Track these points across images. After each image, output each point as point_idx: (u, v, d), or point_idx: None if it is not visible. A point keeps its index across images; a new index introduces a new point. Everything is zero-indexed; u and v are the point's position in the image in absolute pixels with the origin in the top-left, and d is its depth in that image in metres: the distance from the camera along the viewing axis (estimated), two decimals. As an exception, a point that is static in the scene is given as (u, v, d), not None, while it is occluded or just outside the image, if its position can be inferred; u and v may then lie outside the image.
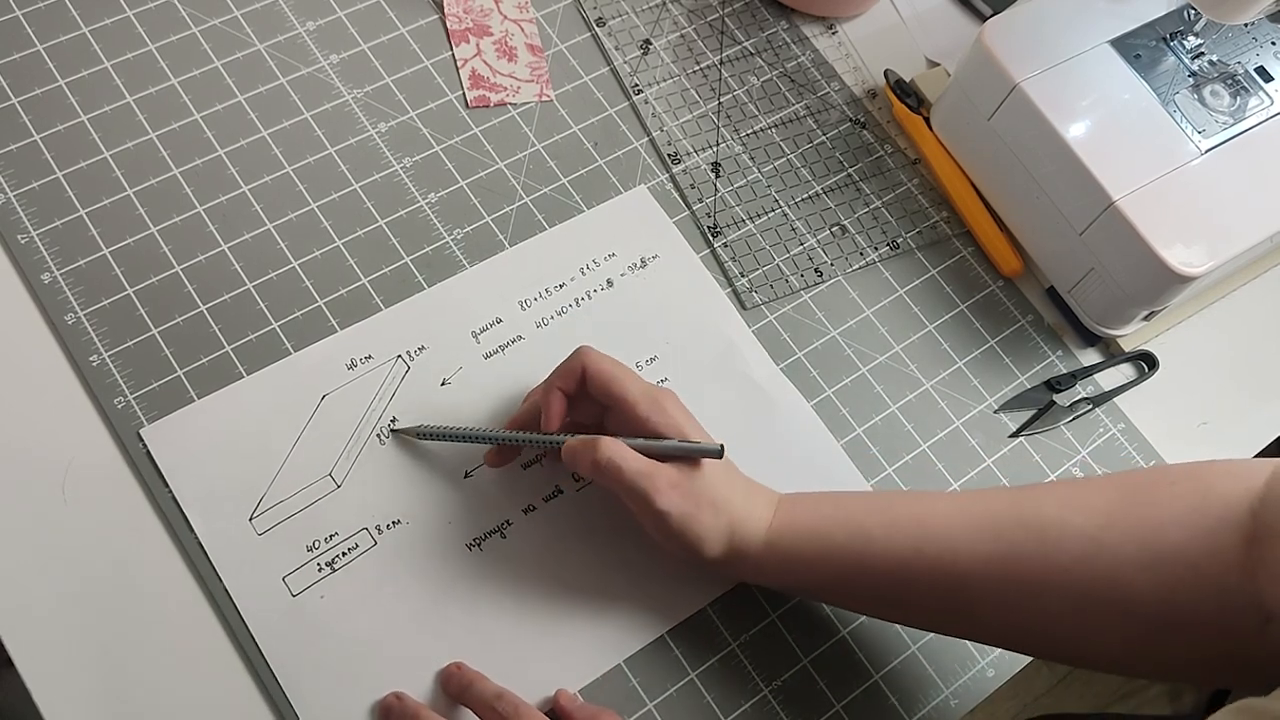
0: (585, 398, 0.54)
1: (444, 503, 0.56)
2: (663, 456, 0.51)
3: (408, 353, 0.59)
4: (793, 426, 0.61)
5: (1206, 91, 0.64)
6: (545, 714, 0.50)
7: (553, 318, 0.62)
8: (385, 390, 0.58)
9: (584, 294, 0.63)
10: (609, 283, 0.63)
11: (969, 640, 0.57)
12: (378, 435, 0.57)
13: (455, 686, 0.52)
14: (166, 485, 0.54)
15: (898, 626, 0.57)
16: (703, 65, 0.72)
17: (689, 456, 0.51)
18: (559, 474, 0.58)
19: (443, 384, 0.59)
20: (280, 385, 0.57)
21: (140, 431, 0.55)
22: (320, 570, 0.54)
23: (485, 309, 0.61)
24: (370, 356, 0.59)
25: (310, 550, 0.54)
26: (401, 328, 0.60)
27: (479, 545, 0.56)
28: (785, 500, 0.54)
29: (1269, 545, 0.42)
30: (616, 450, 0.51)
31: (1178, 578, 0.44)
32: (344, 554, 0.55)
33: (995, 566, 0.48)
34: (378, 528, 0.55)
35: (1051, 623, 0.48)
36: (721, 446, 0.51)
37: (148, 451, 0.55)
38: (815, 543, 0.52)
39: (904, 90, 0.72)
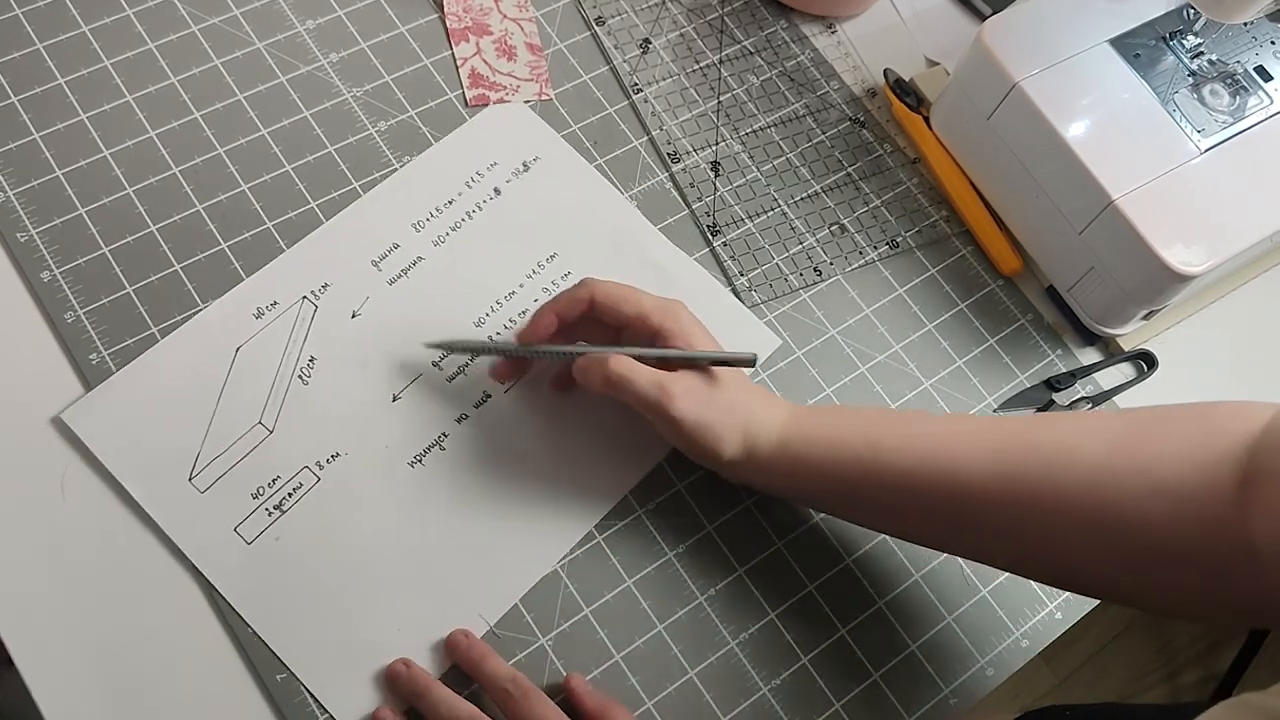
0: (596, 323, 0.55)
1: (378, 428, 0.58)
2: (696, 367, 0.53)
3: (312, 292, 0.60)
4: (695, 294, 0.62)
5: (1206, 91, 0.64)
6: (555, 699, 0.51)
7: (448, 234, 0.63)
8: (298, 332, 0.59)
9: (474, 206, 0.64)
10: (496, 191, 0.64)
11: (965, 558, 0.58)
12: (299, 376, 0.58)
13: (464, 658, 0.53)
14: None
15: (897, 625, 0.57)
16: (702, 64, 0.72)
17: (722, 365, 0.53)
18: (484, 381, 0.60)
19: (353, 316, 0.60)
20: (192, 345, 0.58)
21: (61, 415, 0.55)
22: (270, 514, 0.55)
23: (380, 237, 0.62)
24: (276, 303, 0.59)
25: (255, 497, 0.55)
26: (301, 269, 0.61)
27: (420, 461, 0.57)
28: (800, 408, 0.55)
29: (1260, 485, 0.43)
30: (625, 365, 0.53)
31: (1174, 509, 0.45)
32: (290, 494, 0.55)
33: (999, 485, 0.49)
34: (318, 464, 0.56)
35: (1049, 544, 0.49)
36: (754, 356, 0.53)
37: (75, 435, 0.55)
38: (827, 448, 0.53)
39: (903, 89, 0.72)
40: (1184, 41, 0.65)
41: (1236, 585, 0.44)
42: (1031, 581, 0.59)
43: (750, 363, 0.53)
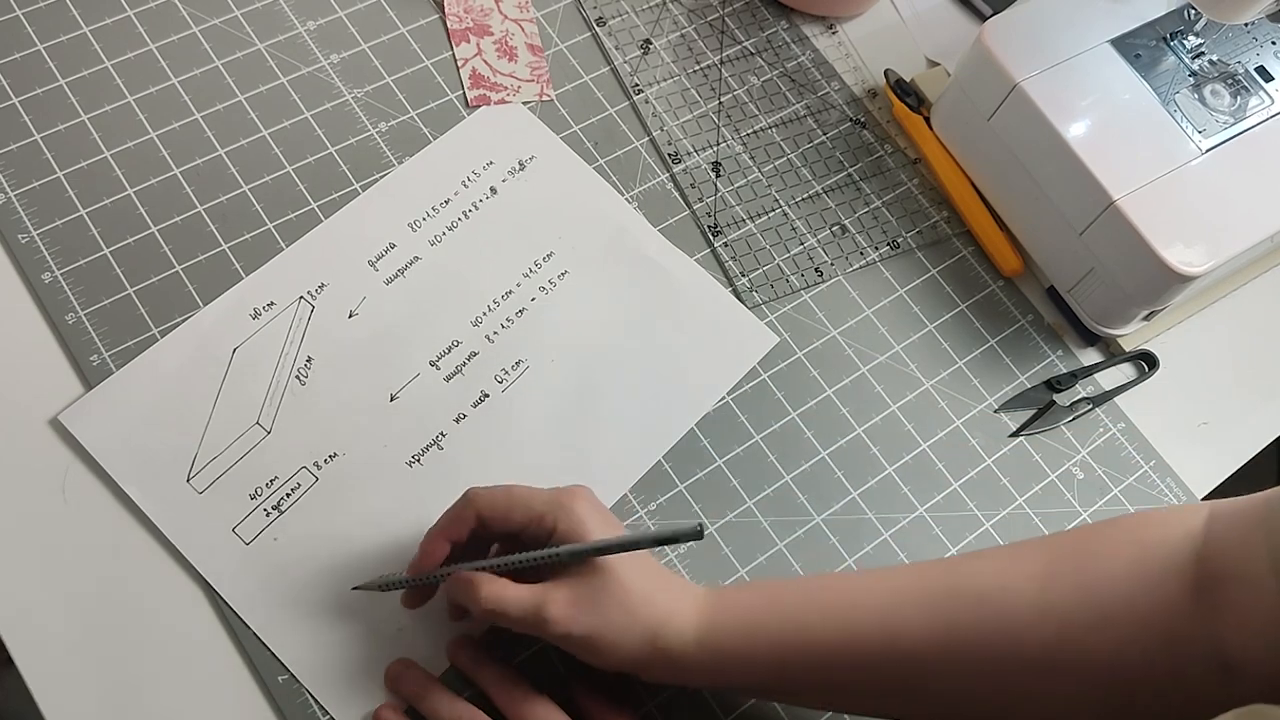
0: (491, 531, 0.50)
1: (376, 428, 0.58)
2: (636, 547, 0.47)
3: (309, 293, 0.60)
4: (691, 291, 0.64)
5: (1207, 91, 0.64)
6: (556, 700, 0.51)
7: (445, 233, 0.63)
8: (295, 332, 0.59)
9: (470, 205, 0.64)
10: (492, 190, 0.64)
11: None
12: (297, 376, 0.58)
13: (465, 661, 0.52)
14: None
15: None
16: (703, 65, 0.72)
17: (666, 543, 0.47)
18: (483, 380, 0.59)
19: (350, 316, 0.60)
20: (189, 346, 0.58)
21: (59, 417, 0.55)
22: (268, 515, 0.55)
23: (376, 237, 0.62)
24: (272, 303, 0.59)
25: (254, 498, 0.55)
26: (297, 269, 0.61)
27: (419, 460, 0.57)
28: (711, 595, 0.50)
29: (1220, 590, 0.41)
30: (493, 591, 0.47)
31: (1127, 633, 0.42)
32: (288, 495, 0.55)
33: (937, 642, 0.45)
34: (316, 464, 0.56)
35: (1005, 693, 0.45)
36: (700, 526, 0.45)
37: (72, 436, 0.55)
38: (750, 635, 0.48)
39: (904, 90, 0.72)
40: (1185, 42, 0.65)
41: (1210, 700, 0.40)
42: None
43: (697, 535, 0.45)
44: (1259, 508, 0.42)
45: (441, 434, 0.58)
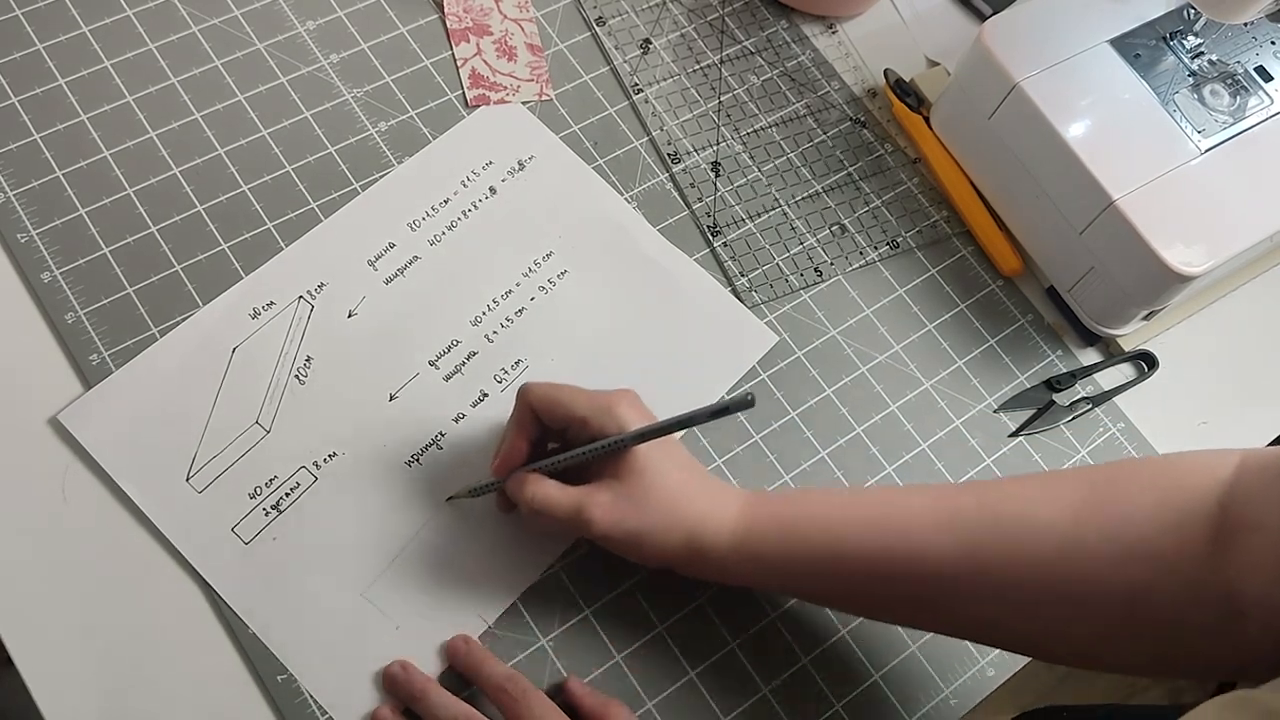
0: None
1: (375, 427, 0.58)
2: (683, 426, 0.48)
3: (308, 292, 0.60)
4: (691, 291, 0.64)
5: (1206, 91, 0.64)
6: (554, 700, 0.51)
7: (444, 233, 0.63)
8: (294, 332, 0.59)
9: (470, 205, 0.64)
10: (492, 190, 0.64)
11: (939, 634, 0.56)
12: (296, 376, 0.58)
13: (463, 663, 0.53)
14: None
15: (898, 626, 0.57)
16: (703, 64, 0.72)
17: (717, 416, 0.48)
18: (483, 379, 0.59)
19: (350, 315, 0.60)
20: (188, 346, 0.58)
21: (58, 416, 0.55)
22: (267, 514, 0.55)
23: (376, 236, 0.62)
24: (272, 303, 0.59)
25: (253, 497, 0.55)
26: (297, 268, 0.61)
27: (417, 460, 0.57)
28: (751, 498, 0.52)
29: (1239, 538, 0.42)
30: (541, 491, 0.50)
31: (1146, 572, 0.44)
32: (287, 494, 0.55)
33: (965, 562, 0.47)
34: (315, 464, 0.56)
35: (1020, 617, 0.48)
36: (750, 394, 0.45)
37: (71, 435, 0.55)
38: (785, 543, 0.51)
39: (904, 90, 0.72)
40: (1184, 42, 0.65)
41: (1218, 643, 0.43)
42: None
43: (746, 405, 0.45)
44: None
45: (441, 434, 0.58)
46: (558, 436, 0.53)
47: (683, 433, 0.57)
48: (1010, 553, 0.46)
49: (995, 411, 0.64)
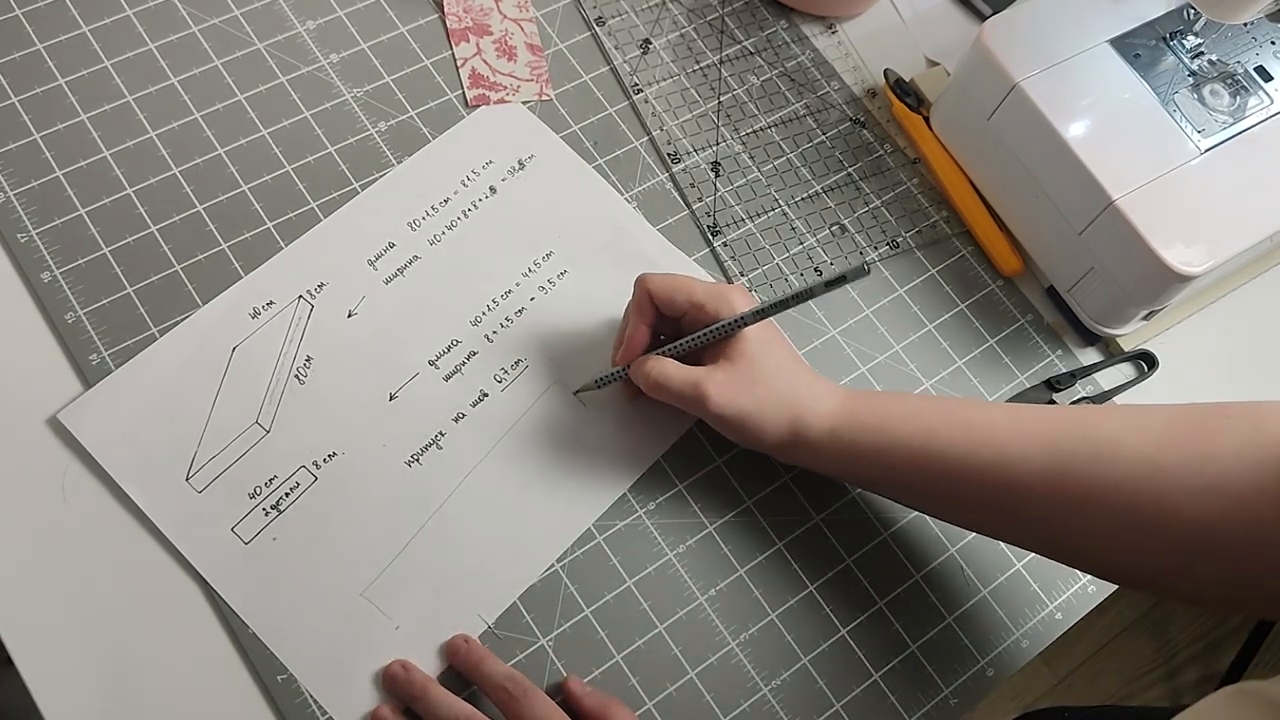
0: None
1: (375, 427, 0.58)
2: (800, 300, 0.52)
3: (308, 292, 0.60)
4: None
5: (1206, 91, 0.64)
6: (554, 700, 0.51)
7: (444, 232, 0.63)
8: (294, 331, 0.59)
9: (470, 205, 0.64)
10: (492, 189, 0.64)
11: (1012, 544, 0.59)
12: (296, 376, 0.58)
13: (463, 662, 0.53)
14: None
15: (897, 625, 0.57)
16: (702, 65, 0.72)
17: (834, 287, 0.50)
18: (482, 379, 0.60)
19: (350, 315, 0.60)
20: (188, 345, 0.58)
21: (58, 416, 0.55)
22: (267, 514, 0.55)
23: (376, 236, 0.62)
24: (272, 302, 0.59)
25: (253, 497, 0.55)
26: (297, 268, 0.61)
27: (418, 460, 0.57)
28: (850, 393, 0.55)
29: None
30: (660, 368, 0.54)
31: (1223, 507, 0.45)
32: (287, 494, 0.55)
33: (1049, 477, 0.49)
34: (315, 463, 0.56)
35: (1095, 537, 0.49)
36: (867, 263, 0.49)
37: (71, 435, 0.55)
38: (878, 436, 0.53)
39: (904, 90, 0.72)
40: (1184, 42, 0.65)
41: (1277, 581, 0.45)
42: (1032, 583, 0.60)
43: (863, 273, 0.48)
44: None
45: (440, 433, 0.58)
46: (670, 327, 0.57)
47: (789, 328, 0.64)
48: (1093, 472, 0.48)
49: (995, 411, 0.64)
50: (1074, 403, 0.65)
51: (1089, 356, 0.67)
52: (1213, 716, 0.36)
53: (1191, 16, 0.66)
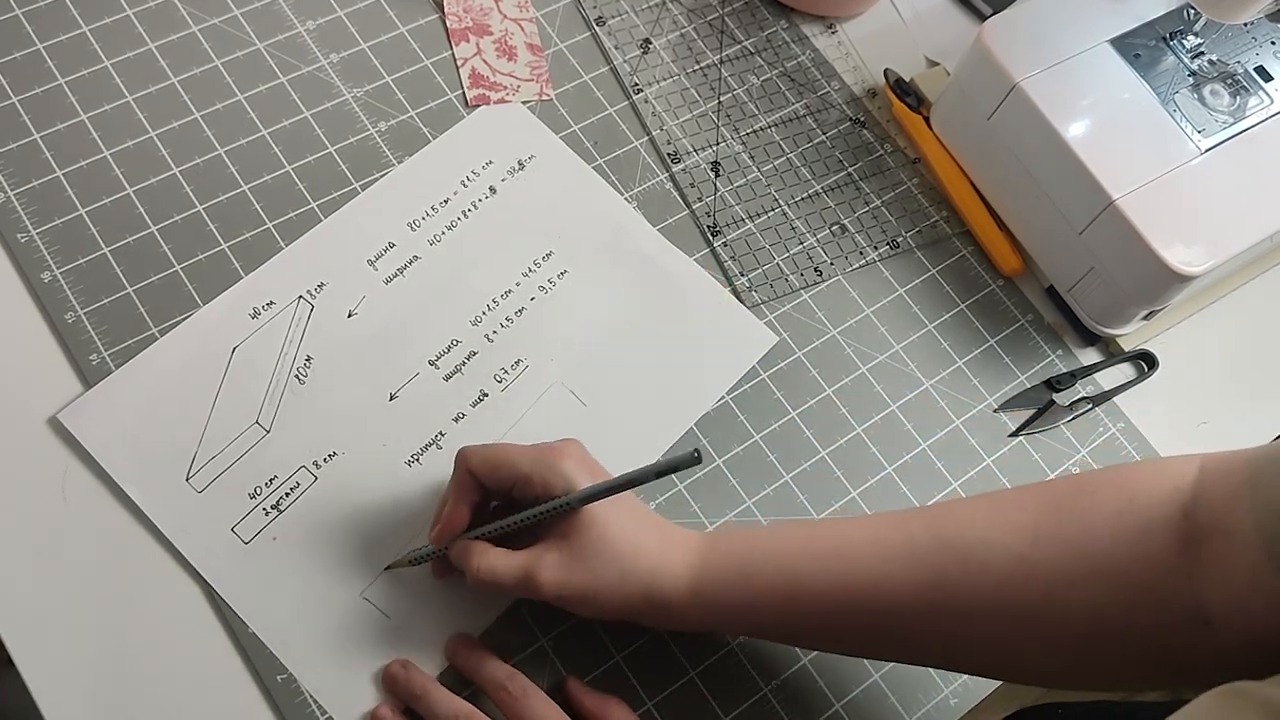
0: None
1: (375, 427, 0.58)
2: (628, 486, 0.47)
3: (308, 292, 0.60)
4: (691, 291, 0.64)
5: (1206, 91, 0.64)
6: (554, 700, 0.51)
7: (444, 233, 0.63)
8: (294, 331, 0.59)
9: (470, 205, 0.64)
10: (492, 190, 0.64)
11: (906, 664, 0.56)
12: (296, 376, 0.58)
13: (463, 663, 0.52)
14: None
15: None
16: (703, 65, 0.72)
17: (662, 475, 0.47)
18: (482, 379, 0.59)
19: (350, 315, 0.60)
20: (188, 345, 0.58)
21: (58, 416, 0.55)
22: (267, 514, 0.55)
23: (376, 236, 0.62)
24: (272, 302, 0.59)
25: (253, 497, 0.55)
26: (297, 268, 0.61)
27: (418, 460, 0.57)
28: (704, 541, 0.51)
29: (1205, 546, 0.41)
30: (486, 563, 0.49)
31: (1110, 589, 0.43)
32: (287, 494, 0.55)
33: (922, 595, 0.46)
34: (315, 463, 0.56)
35: (985, 644, 0.47)
36: (696, 451, 0.45)
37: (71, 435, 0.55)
38: (741, 584, 0.49)
39: (904, 90, 0.72)
40: (1184, 42, 0.65)
41: (1191, 654, 0.42)
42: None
43: (693, 462, 0.45)
44: (1247, 466, 0.42)
45: (441, 433, 0.58)
46: (503, 496, 0.52)
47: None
48: (967, 580, 0.45)
49: (995, 411, 0.64)
50: (1074, 404, 0.65)
51: (1089, 356, 0.67)
52: (1206, 716, 0.36)
53: (1191, 16, 0.66)
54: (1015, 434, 0.64)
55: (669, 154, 0.68)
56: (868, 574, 0.47)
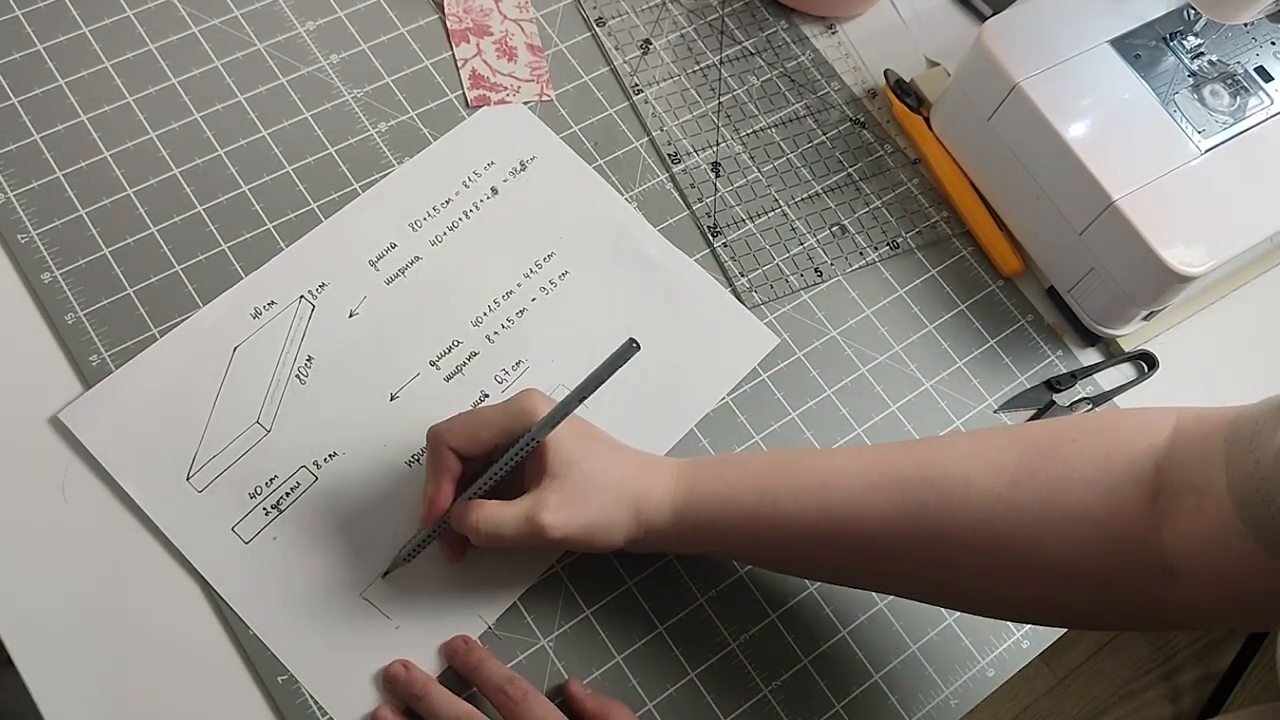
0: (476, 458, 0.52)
1: (376, 427, 0.58)
2: (582, 396, 0.48)
3: (309, 292, 0.60)
4: (691, 292, 0.64)
5: (1206, 91, 0.64)
6: (555, 702, 0.51)
7: (445, 233, 0.63)
8: (295, 332, 0.59)
9: (471, 206, 0.64)
10: (493, 190, 0.64)
11: (877, 592, 0.57)
12: (297, 376, 0.58)
13: (463, 663, 0.52)
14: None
15: (898, 626, 0.57)
16: (703, 65, 0.72)
17: (610, 372, 0.47)
18: (483, 379, 0.60)
19: (351, 316, 0.60)
20: (189, 345, 0.58)
21: (59, 415, 0.55)
22: (267, 514, 0.55)
23: (377, 236, 0.62)
24: (273, 303, 0.59)
25: (253, 497, 0.55)
26: (298, 268, 0.61)
27: (418, 460, 0.57)
28: (686, 466, 0.53)
29: (1172, 500, 0.43)
30: (486, 515, 0.50)
31: (1083, 535, 0.44)
32: (287, 494, 0.56)
33: (902, 525, 0.47)
34: (315, 463, 0.56)
35: (958, 578, 0.48)
36: (633, 341, 0.46)
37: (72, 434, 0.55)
38: (723, 509, 0.51)
39: (904, 90, 0.72)
40: (1184, 42, 0.65)
41: (1153, 600, 0.44)
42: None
43: (632, 350, 0.46)
44: (1223, 425, 0.43)
45: None
46: (481, 466, 0.52)
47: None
48: (947, 514, 0.47)
49: (996, 412, 0.64)
50: (1074, 404, 0.65)
51: (1089, 357, 0.67)
52: None
53: (1191, 17, 0.66)
54: (1015, 434, 0.64)
55: (669, 154, 0.68)
56: (848, 503, 0.49)
